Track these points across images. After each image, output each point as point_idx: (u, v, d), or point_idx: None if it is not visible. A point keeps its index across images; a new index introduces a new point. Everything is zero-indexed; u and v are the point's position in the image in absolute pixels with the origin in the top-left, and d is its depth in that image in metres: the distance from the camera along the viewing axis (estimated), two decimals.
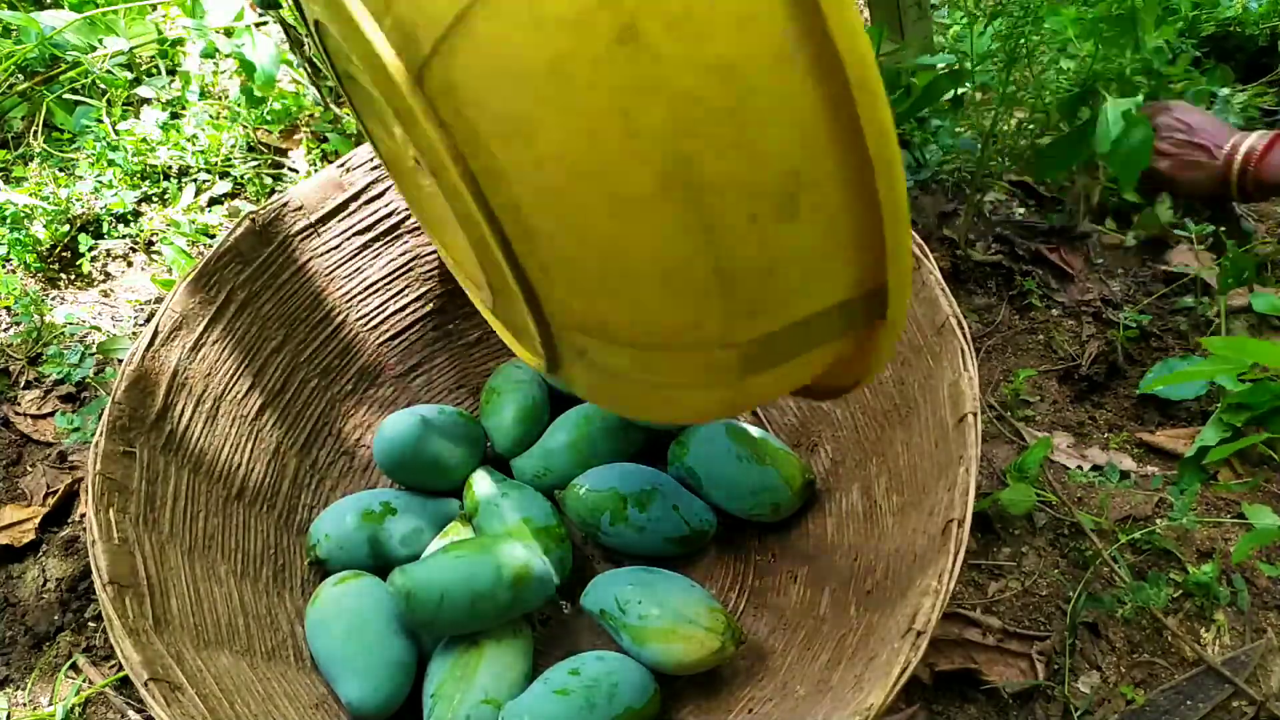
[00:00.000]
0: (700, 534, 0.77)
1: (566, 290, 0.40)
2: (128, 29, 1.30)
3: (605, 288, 0.39)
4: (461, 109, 0.35)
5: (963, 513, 0.53)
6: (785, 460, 0.77)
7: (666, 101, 0.33)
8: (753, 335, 0.41)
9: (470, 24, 0.32)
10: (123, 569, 0.58)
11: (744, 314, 0.40)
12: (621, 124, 0.34)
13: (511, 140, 0.34)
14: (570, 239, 0.37)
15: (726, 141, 0.35)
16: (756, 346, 0.42)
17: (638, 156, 0.34)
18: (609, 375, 0.45)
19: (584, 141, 0.34)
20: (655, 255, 0.37)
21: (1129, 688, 0.74)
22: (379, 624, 0.69)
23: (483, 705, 0.65)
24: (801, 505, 0.78)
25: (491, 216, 0.38)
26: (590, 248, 0.37)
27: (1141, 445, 0.90)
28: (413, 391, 0.91)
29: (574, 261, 0.38)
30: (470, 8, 0.32)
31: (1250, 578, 0.80)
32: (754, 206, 0.37)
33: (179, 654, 0.57)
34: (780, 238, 0.38)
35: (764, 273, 0.39)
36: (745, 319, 0.40)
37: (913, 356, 0.68)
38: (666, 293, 0.39)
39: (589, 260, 0.38)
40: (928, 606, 0.49)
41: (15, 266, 1.09)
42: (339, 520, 0.76)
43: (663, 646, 0.68)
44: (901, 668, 0.47)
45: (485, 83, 0.33)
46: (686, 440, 0.80)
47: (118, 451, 0.64)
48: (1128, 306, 1.00)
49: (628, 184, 0.35)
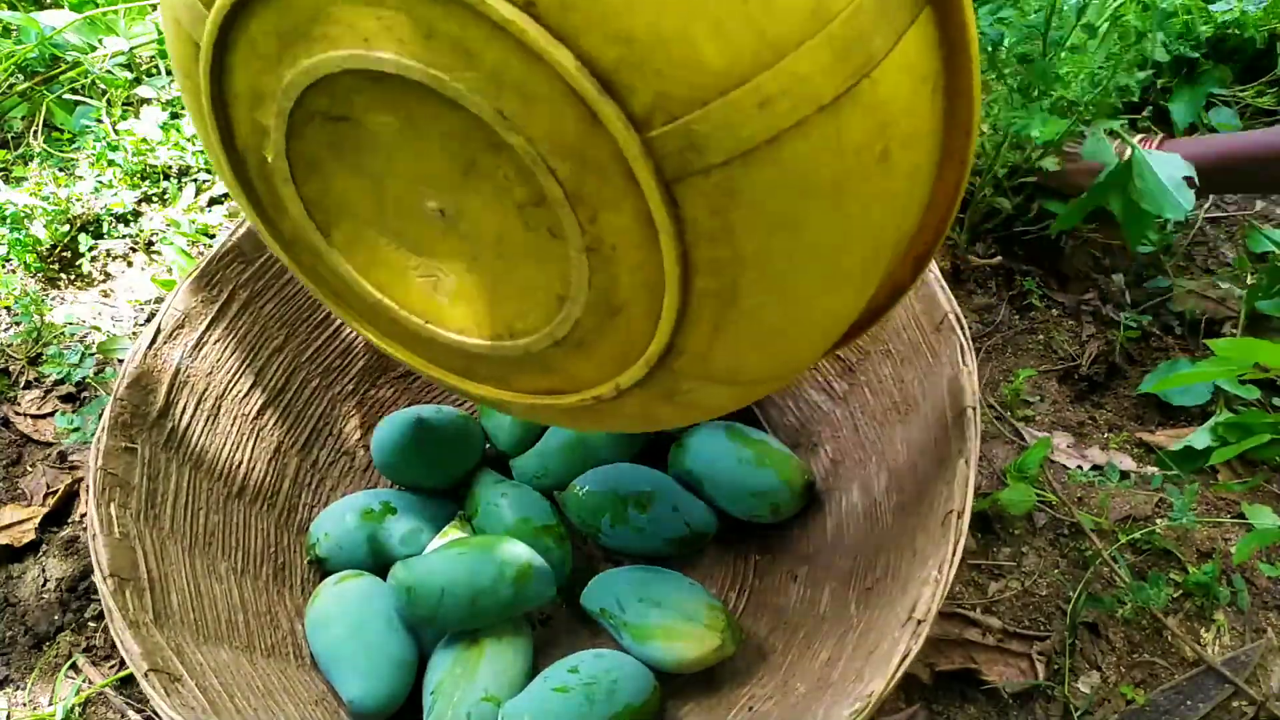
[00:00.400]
0: (700, 535, 0.77)
1: (728, 350, 0.44)
2: (128, 29, 1.30)
3: (773, 344, 0.45)
4: (726, 210, 0.38)
5: (962, 504, 0.53)
6: (785, 462, 0.77)
7: (890, 201, 0.42)
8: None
9: (779, 146, 0.37)
10: (123, 562, 0.58)
11: (831, 345, 0.53)
12: (861, 217, 0.41)
13: (775, 232, 0.39)
14: (774, 306, 0.42)
15: (908, 221, 0.47)
16: None
17: (866, 241, 0.43)
18: (684, 410, 0.50)
19: (837, 231, 0.41)
20: (832, 314, 0.46)
21: (1129, 688, 0.74)
22: (379, 622, 0.69)
23: (483, 703, 0.65)
24: (802, 506, 0.78)
25: (688, 285, 0.40)
26: (787, 314, 0.43)
27: (1141, 445, 0.90)
28: (413, 392, 0.91)
29: (762, 325, 0.43)
30: (786, 132, 0.36)
31: (1250, 578, 0.80)
32: (894, 262, 0.50)
33: (179, 647, 0.57)
34: None
35: None
36: (829, 349, 0.53)
37: (912, 354, 0.68)
38: (820, 341, 0.48)
39: (777, 323, 0.43)
40: (927, 596, 0.49)
41: (15, 266, 1.09)
42: (338, 519, 0.76)
43: (663, 644, 0.68)
44: (902, 656, 0.48)
45: (772, 191, 0.38)
46: (686, 442, 0.80)
47: (119, 447, 0.64)
48: (1128, 306, 1.00)
49: (847, 263, 0.43)
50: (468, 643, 0.69)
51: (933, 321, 0.65)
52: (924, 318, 0.67)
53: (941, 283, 0.65)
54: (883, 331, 0.73)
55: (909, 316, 0.69)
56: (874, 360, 0.74)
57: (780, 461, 0.77)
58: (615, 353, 0.44)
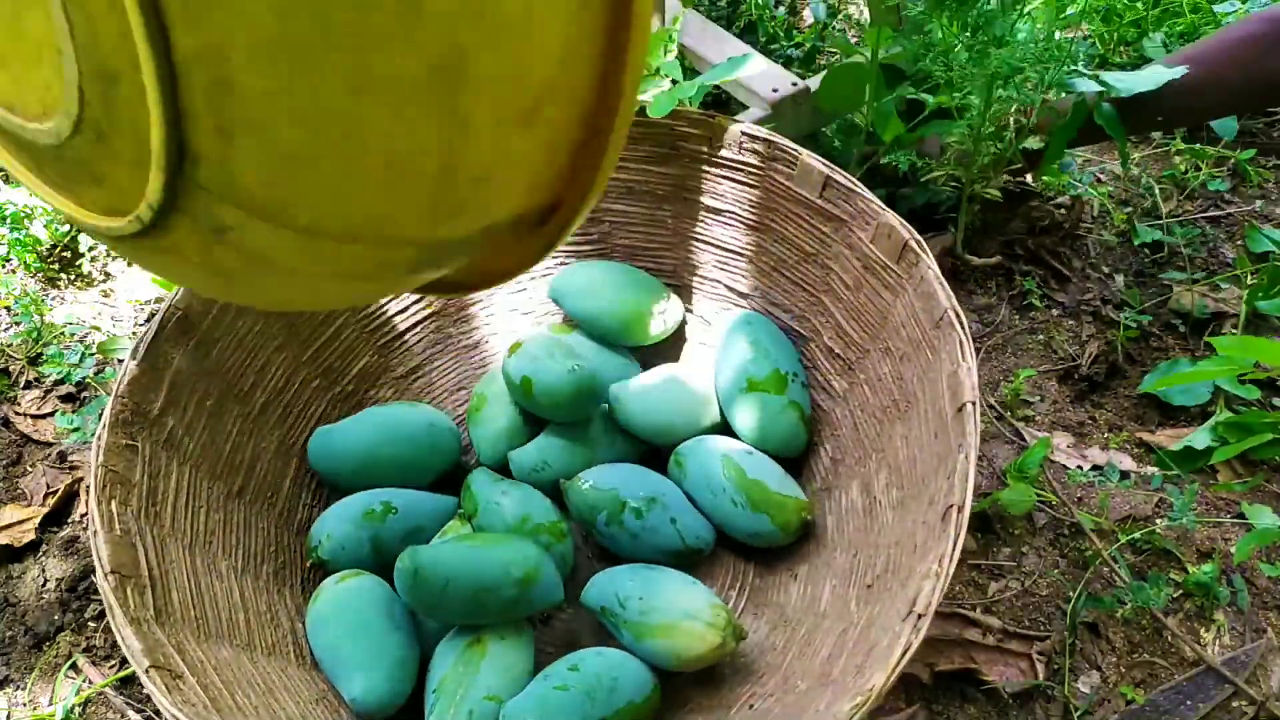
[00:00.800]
0: (694, 552, 0.77)
1: (249, 162, 0.35)
2: None
3: (308, 167, 0.36)
4: None
5: (962, 498, 0.53)
6: (781, 506, 0.75)
7: None
8: (444, 236, 0.41)
9: None
10: (124, 559, 0.58)
11: (447, 214, 0.39)
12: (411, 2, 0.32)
13: None
14: (287, 106, 0.33)
15: (505, 40, 0.35)
16: (438, 248, 0.42)
17: (416, 38, 0.33)
18: (247, 258, 0.40)
19: (360, 7, 0.32)
20: (389, 143, 0.35)
21: (1129, 688, 0.74)
22: (381, 621, 0.69)
23: (485, 701, 0.65)
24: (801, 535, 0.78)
25: (166, 50, 0.32)
26: (309, 122, 0.34)
27: (1141, 445, 0.90)
28: (413, 393, 0.91)
29: (280, 133, 0.34)
30: None
31: (1250, 578, 0.80)
32: (503, 110, 0.37)
33: (180, 645, 0.57)
34: (511, 143, 0.38)
35: (482, 177, 0.39)
36: (446, 219, 0.40)
37: (911, 351, 0.68)
38: (384, 182, 0.37)
39: (302, 135, 0.34)
40: (928, 590, 0.49)
41: (15, 266, 1.09)
42: (340, 521, 0.76)
43: (664, 642, 0.68)
44: (903, 649, 0.48)
45: None
46: (684, 462, 0.80)
47: (120, 445, 0.64)
48: (1127, 306, 1.00)
49: (393, 63, 0.33)
50: (470, 641, 0.69)
51: (932, 318, 0.65)
52: (923, 315, 0.67)
53: (941, 280, 0.65)
54: (882, 330, 0.73)
55: (908, 314, 0.69)
56: (873, 358, 0.74)
57: (777, 506, 0.75)
58: (135, 153, 0.37)
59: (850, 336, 0.78)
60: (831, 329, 0.80)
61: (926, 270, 0.66)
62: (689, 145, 0.81)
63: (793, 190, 0.77)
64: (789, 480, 0.78)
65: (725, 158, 0.80)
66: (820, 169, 0.74)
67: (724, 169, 0.81)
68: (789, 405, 0.79)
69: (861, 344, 0.76)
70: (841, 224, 0.75)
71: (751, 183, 0.80)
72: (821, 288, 0.79)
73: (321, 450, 0.80)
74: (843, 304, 0.78)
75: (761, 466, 0.78)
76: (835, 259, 0.77)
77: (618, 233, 0.90)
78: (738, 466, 0.77)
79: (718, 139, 0.79)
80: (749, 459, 0.78)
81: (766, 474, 0.77)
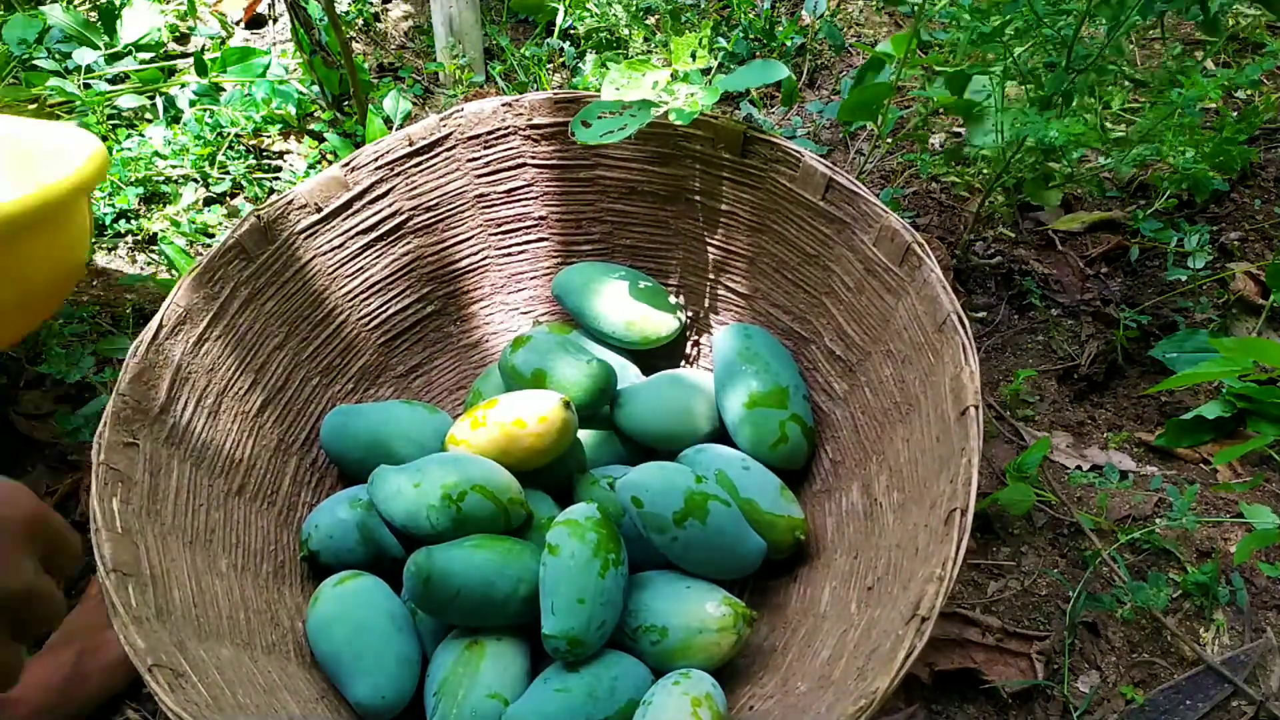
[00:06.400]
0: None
1: None
2: None
3: None
4: None
5: (965, 502, 0.53)
6: (772, 526, 0.74)
7: None
8: None
9: None
10: (126, 557, 0.58)
11: None
12: None
13: None
14: None
15: None
16: None
17: None
18: None
19: None
20: None
21: (1129, 687, 0.74)
22: (383, 623, 0.69)
23: (488, 700, 0.65)
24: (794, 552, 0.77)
25: None
26: None
27: (1141, 445, 0.90)
28: (413, 392, 0.91)
29: None
30: None
31: (1250, 578, 0.80)
32: None
33: (181, 643, 0.57)
34: None
35: None
36: None
37: (914, 354, 0.68)
38: None
39: None
40: (931, 593, 0.49)
41: None
42: (327, 513, 0.76)
43: (685, 661, 0.68)
44: (906, 653, 0.48)
45: None
46: None
47: (121, 442, 0.64)
48: (1128, 307, 1.00)
49: None
50: (469, 642, 0.69)
51: (935, 322, 0.65)
52: (926, 318, 0.67)
53: (944, 284, 0.65)
54: (884, 332, 0.73)
55: (910, 317, 0.69)
56: (874, 361, 0.74)
57: (767, 526, 0.74)
58: None
59: (851, 339, 0.77)
60: (832, 331, 0.80)
61: (930, 274, 0.66)
62: (691, 146, 0.81)
63: (795, 192, 0.77)
64: (784, 496, 0.77)
65: (727, 159, 0.80)
66: (823, 171, 0.74)
67: (726, 170, 0.81)
68: (791, 419, 0.79)
69: (863, 346, 0.76)
70: (844, 226, 0.75)
71: (753, 184, 0.80)
72: (823, 290, 0.79)
73: (335, 431, 0.80)
74: (844, 306, 0.77)
75: (756, 482, 0.76)
76: (837, 261, 0.77)
77: (619, 232, 0.90)
78: (731, 484, 0.76)
79: (720, 140, 0.79)
80: (745, 475, 0.76)
81: (760, 492, 0.76)
